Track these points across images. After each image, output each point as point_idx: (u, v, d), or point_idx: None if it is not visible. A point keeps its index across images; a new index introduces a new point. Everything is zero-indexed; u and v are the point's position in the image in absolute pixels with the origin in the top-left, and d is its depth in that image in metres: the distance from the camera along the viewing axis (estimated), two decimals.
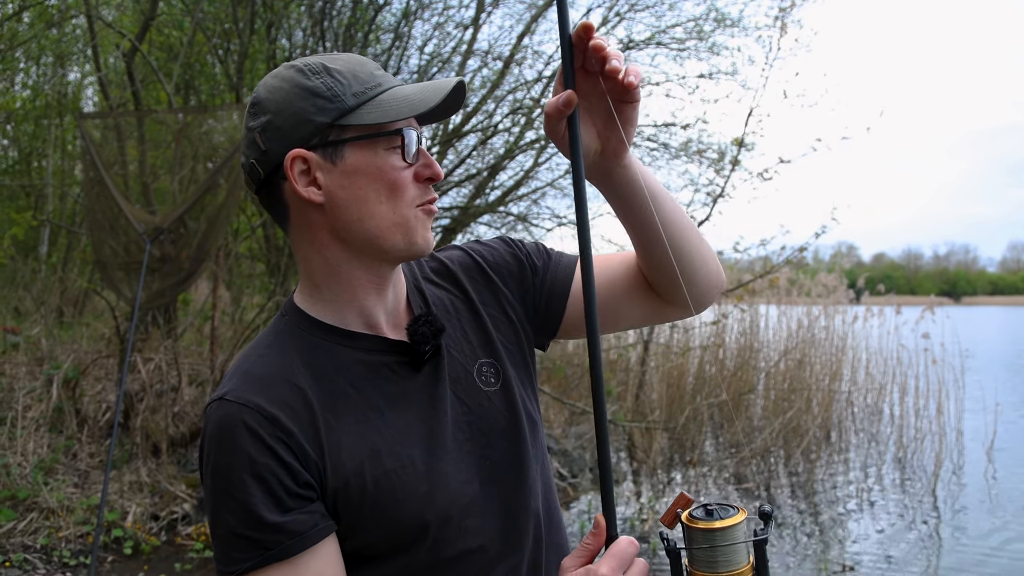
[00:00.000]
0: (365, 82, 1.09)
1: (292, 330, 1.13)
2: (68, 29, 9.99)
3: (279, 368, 1.08)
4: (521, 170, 8.92)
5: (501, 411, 1.20)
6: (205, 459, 1.05)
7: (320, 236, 1.11)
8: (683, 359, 9.05)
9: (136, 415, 6.21)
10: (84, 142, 5.71)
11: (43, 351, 7.44)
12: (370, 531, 1.06)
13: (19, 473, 5.61)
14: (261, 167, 1.10)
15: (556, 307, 1.30)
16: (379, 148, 1.09)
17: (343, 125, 1.07)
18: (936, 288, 74.67)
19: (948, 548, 5.80)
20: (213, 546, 1.05)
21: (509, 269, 1.30)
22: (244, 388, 1.05)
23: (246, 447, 1.01)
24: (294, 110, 1.07)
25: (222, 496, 1.02)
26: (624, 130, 1.08)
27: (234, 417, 1.02)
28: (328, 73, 1.08)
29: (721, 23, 8.48)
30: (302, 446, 1.03)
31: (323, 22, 7.69)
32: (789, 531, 6.08)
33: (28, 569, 4.78)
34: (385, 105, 1.08)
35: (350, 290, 1.13)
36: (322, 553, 1.02)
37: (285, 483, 1.01)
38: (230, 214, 5.95)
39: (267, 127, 1.09)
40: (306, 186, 1.08)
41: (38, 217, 11.08)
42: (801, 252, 8.50)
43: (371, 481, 1.05)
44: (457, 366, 1.19)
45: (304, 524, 1.01)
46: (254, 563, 1.00)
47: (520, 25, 8.42)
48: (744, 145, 8.28)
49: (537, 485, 1.22)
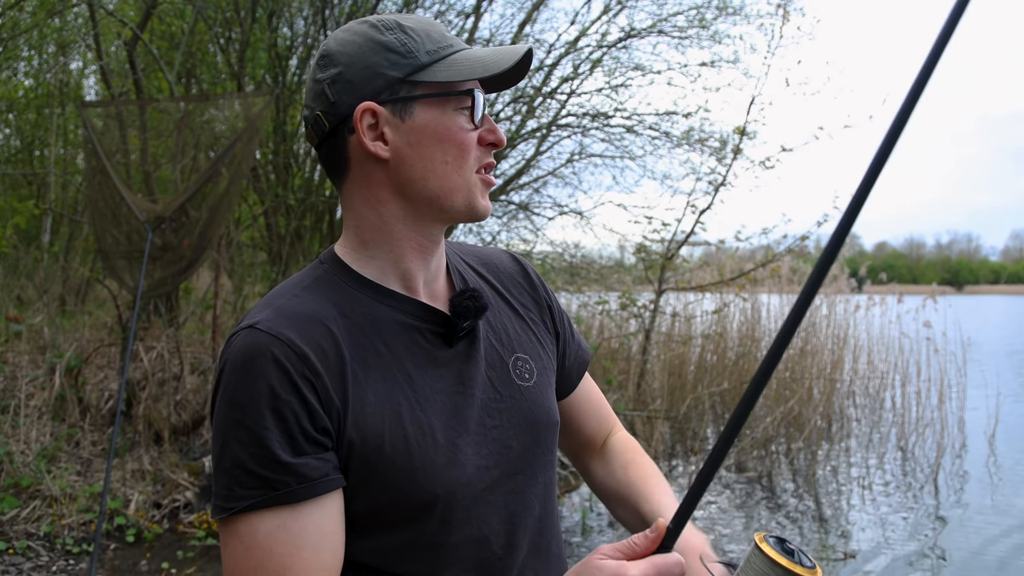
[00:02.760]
0: (438, 41, 1.09)
1: (330, 278, 1.11)
2: (70, 18, 9.97)
3: (314, 310, 1.05)
4: (523, 159, 8.93)
5: (532, 408, 1.19)
6: (223, 386, 1.01)
7: (379, 193, 1.10)
8: (685, 348, 9.06)
9: (138, 403, 6.22)
10: (86, 131, 5.71)
11: (45, 339, 7.46)
12: (377, 494, 1.03)
13: (22, 461, 5.62)
14: (327, 119, 1.09)
15: (567, 382, 1.37)
16: (448, 108, 1.08)
17: (415, 81, 1.07)
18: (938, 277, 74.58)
19: (950, 537, 5.81)
20: (215, 479, 1.00)
21: (544, 299, 1.35)
22: (277, 321, 1.02)
23: (270, 379, 0.97)
24: (367, 63, 1.07)
25: (236, 427, 0.98)
26: None
27: (263, 347, 0.99)
28: (402, 30, 1.08)
29: (723, 11, 8.47)
30: (327, 390, 1.00)
31: (324, 10, 7.67)
32: (790, 520, 6.09)
33: (31, 556, 4.80)
34: (459, 64, 1.07)
35: (398, 250, 1.12)
36: (326, 506, 0.99)
37: (303, 425, 0.97)
38: (232, 203, 5.95)
39: (337, 79, 1.08)
40: (373, 140, 1.07)
41: (40, 206, 11.10)
42: (803, 241, 8.50)
43: (389, 441, 1.03)
44: (494, 353, 1.18)
45: (316, 470, 0.98)
46: (257, 502, 0.96)
47: (522, 13, 8.42)
48: (746, 134, 8.28)
49: (549, 489, 1.22)
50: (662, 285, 8.70)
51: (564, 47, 8.41)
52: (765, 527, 5.98)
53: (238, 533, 0.98)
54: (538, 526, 1.18)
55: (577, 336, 1.38)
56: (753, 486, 7.08)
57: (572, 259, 9.60)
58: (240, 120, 5.82)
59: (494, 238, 9.35)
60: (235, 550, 0.98)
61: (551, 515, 1.22)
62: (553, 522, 1.23)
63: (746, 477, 7.32)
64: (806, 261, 10.31)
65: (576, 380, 1.36)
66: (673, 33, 8.52)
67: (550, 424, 1.21)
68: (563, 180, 9.24)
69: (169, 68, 7.95)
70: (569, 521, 5.95)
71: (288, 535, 0.97)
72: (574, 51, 8.41)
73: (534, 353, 1.24)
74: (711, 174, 8.55)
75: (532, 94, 8.23)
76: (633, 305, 8.80)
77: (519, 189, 9.12)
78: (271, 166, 8.07)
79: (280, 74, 7.98)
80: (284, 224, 7.97)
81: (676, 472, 7.55)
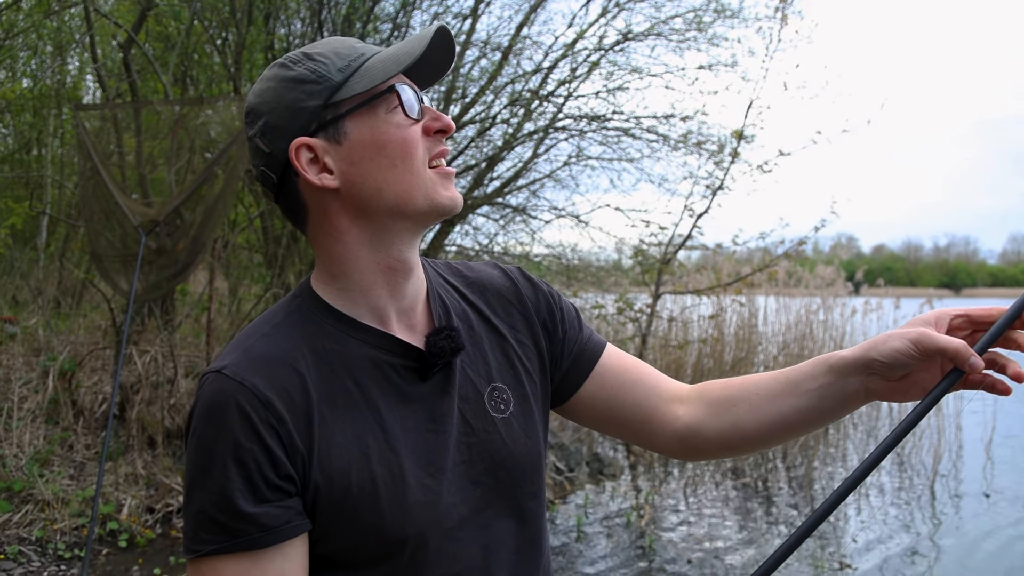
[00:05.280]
0: (347, 56, 1.07)
1: (303, 312, 1.10)
2: (67, 19, 9.94)
3: (283, 350, 1.05)
4: (520, 161, 8.92)
5: (506, 440, 1.15)
6: (191, 431, 1.02)
7: (339, 223, 1.08)
8: (681, 352, 9.04)
9: (132, 407, 6.19)
10: (80, 134, 5.68)
11: (40, 342, 7.43)
12: (346, 535, 1.03)
13: (15, 465, 5.60)
14: (271, 171, 1.08)
15: (574, 378, 1.28)
16: (379, 112, 1.06)
17: (336, 102, 1.05)
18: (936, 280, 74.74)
19: (946, 545, 5.80)
20: (184, 520, 1.03)
21: (540, 309, 1.28)
22: (244, 365, 1.02)
23: (234, 429, 0.98)
24: (286, 103, 1.05)
25: (200, 473, 0.99)
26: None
27: (228, 394, 0.99)
28: (309, 59, 1.06)
29: (721, 14, 8.45)
30: (291, 435, 1.00)
31: (321, 12, 7.65)
32: (788, 527, 6.07)
33: (23, 562, 4.77)
34: (372, 70, 1.06)
35: (366, 280, 1.10)
36: (288, 552, 1.00)
37: (265, 473, 0.98)
38: (227, 205, 5.92)
39: (265, 129, 1.07)
40: (317, 174, 1.06)
41: (35, 207, 11.07)
42: (800, 246, 8.50)
43: (356, 483, 1.02)
44: (468, 384, 1.15)
45: (277, 519, 0.98)
46: (219, 548, 0.97)
47: (519, 16, 8.40)
48: (744, 137, 8.27)
49: (532, 521, 1.18)
50: (659, 288, 8.68)
51: (561, 50, 8.40)
52: (762, 534, 5.97)
53: (203, 575, 1.00)
54: (516, 559, 1.15)
55: (586, 330, 1.32)
56: (749, 492, 7.07)
57: (569, 262, 9.58)
58: (236, 121, 5.80)
59: (491, 240, 9.34)
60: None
61: (533, 547, 1.18)
62: (536, 554, 1.19)
63: (742, 483, 7.31)
64: (803, 265, 10.31)
65: (585, 372, 1.28)
66: (671, 36, 8.51)
67: (527, 455, 1.17)
68: (560, 183, 9.23)
69: (165, 70, 7.92)
70: (564, 526, 5.93)
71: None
72: (571, 54, 8.40)
73: (514, 381, 1.20)
74: (708, 178, 8.55)
75: (529, 97, 8.22)
76: (630, 309, 8.79)
77: (516, 192, 9.10)
78: None
79: None
80: (280, 226, 7.94)
81: (671, 477, 7.53)
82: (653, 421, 1.27)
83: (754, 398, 1.19)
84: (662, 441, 1.28)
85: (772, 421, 1.17)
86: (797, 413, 1.15)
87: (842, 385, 1.11)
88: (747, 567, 5.17)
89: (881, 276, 11.96)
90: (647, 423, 1.28)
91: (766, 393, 1.18)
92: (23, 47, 10.29)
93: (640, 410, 1.28)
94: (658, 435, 1.28)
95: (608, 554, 5.40)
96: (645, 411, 1.28)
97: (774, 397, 1.17)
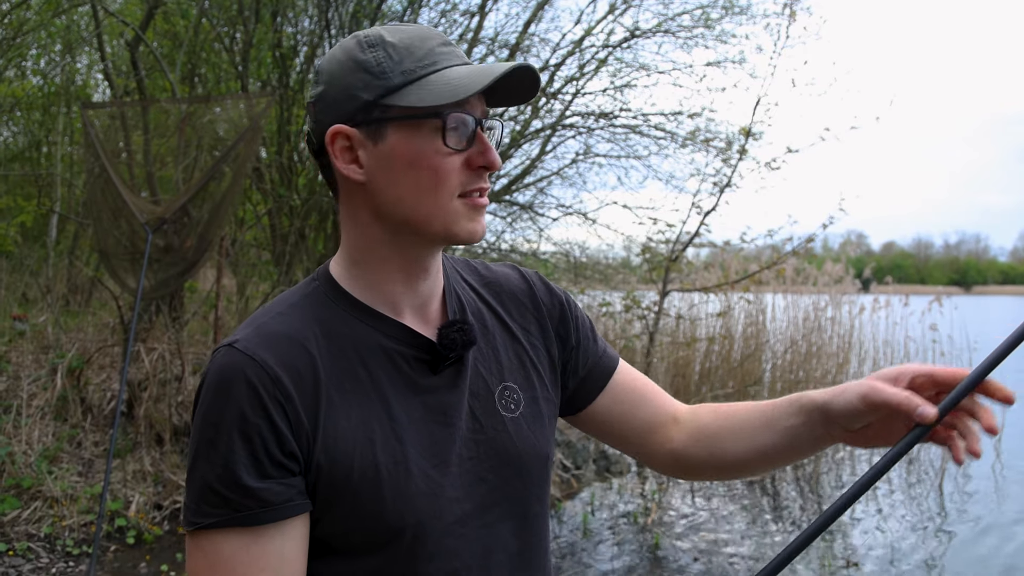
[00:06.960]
0: (420, 59, 1.04)
1: (319, 296, 1.10)
2: (76, 17, 9.98)
3: (296, 330, 1.05)
4: (527, 159, 8.91)
5: (514, 439, 1.15)
6: (200, 402, 1.02)
7: (361, 214, 1.09)
8: (689, 350, 9.02)
9: (140, 404, 6.21)
10: (88, 132, 5.70)
11: (49, 339, 7.47)
12: (344, 519, 1.03)
13: (24, 462, 5.62)
14: (315, 136, 1.08)
15: (590, 388, 1.30)
16: (424, 130, 1.03)
17: (387, 104, 1.03)
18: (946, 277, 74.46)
19: (954, 543, 5.78)
20: (186, 492, 1.02)
21: (555, 316, 1.29)
22: (255, 340, 1.02)
23: (241, 402, 0.98)
24: (344, 84, 1.04)
25: (206, 445, 0.99)
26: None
27: (237, 367, 1.00)
28: (383, 46, 1.04)
29: (729, 10, 8.44)
30: (298, 413, 1.00)
31: (328, 10, 7.65)
32: (795, 525, 6.06)
33: (32, 558, 4.80)
34: (430, 86, 1.02)
35: (382, 272, 1.10)
36: (288, 531, 1.00)
37: (270, 449, 0.98)
38: (234, 203, 5.94)
39: (321, 98, 1.07)
40: (348, 163, 1.06)
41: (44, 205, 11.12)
42: (809, 243, 8.46)
43: (358, 468, 1.02)
44: (480, 381, 1.15)
45: (279, 496, 0.98)
46: (219, 521, 0.97)
47: (527, 12, 8.39)
48: (752, 134, 8.24)
49: (535, 524, 1.18)
50: (666, 286, 8.67)
51: (569, 47, 8.39)
52: (768, 532, 5.96)
53: (203, 548, 1.00)
54: (516, 562, 1.15)
55: (601, 342, 1.33)
56: (756, 490, 7.05)
57: (576, 259, 9.57)
58: (243, 120, 5.81)
59: (498, 238, 9.34)
60: (199, 564, 1.00)
61: (534, 550, 1.18)
62: (536, 556, 1.18)
63: (750, 481, 7.29)
64: (811, 262, 10.28)
65: (600, 385, 1.30)
66: (679, 33, 8.50)
67: (535, 456, 1.17)
68: (568, 180, 9.23)
69: (172, 68, 7.94)
70: (570, 524, 5.93)
71: (250, 557, 0.98)
72: (579, 51, 8.39)
73: (525, 382, 1.20)
74: (716, 175, 8.52)
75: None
76: (637, 306, 8.77)
77: (523, 189, 9.11)
78: (275, 166, 8.06)
79: (284, 74, 7.97)
80: (288, 224, 7.96)
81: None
82: (652, 439, 1.32)
83: (736, 430, 1.23)
84: (657, 459, 1.32)
85: (753, 453, 1.21)
86: (773, 448, 1.19)
87: (810, 428, 1.13)
88: (753, 566, 5.16)
89: (891, 274, 11.92)
90: (647, 441, 1.32)
91: (747, 425, 1.22)
92: (32, 45, 10.34)
93: (643, 427, 1.31)
94: (655, 453, 1.32)
95: (614, 552, 5.40)
96: (647, 429, 1.31)
97: (753, 431, 1.20)
